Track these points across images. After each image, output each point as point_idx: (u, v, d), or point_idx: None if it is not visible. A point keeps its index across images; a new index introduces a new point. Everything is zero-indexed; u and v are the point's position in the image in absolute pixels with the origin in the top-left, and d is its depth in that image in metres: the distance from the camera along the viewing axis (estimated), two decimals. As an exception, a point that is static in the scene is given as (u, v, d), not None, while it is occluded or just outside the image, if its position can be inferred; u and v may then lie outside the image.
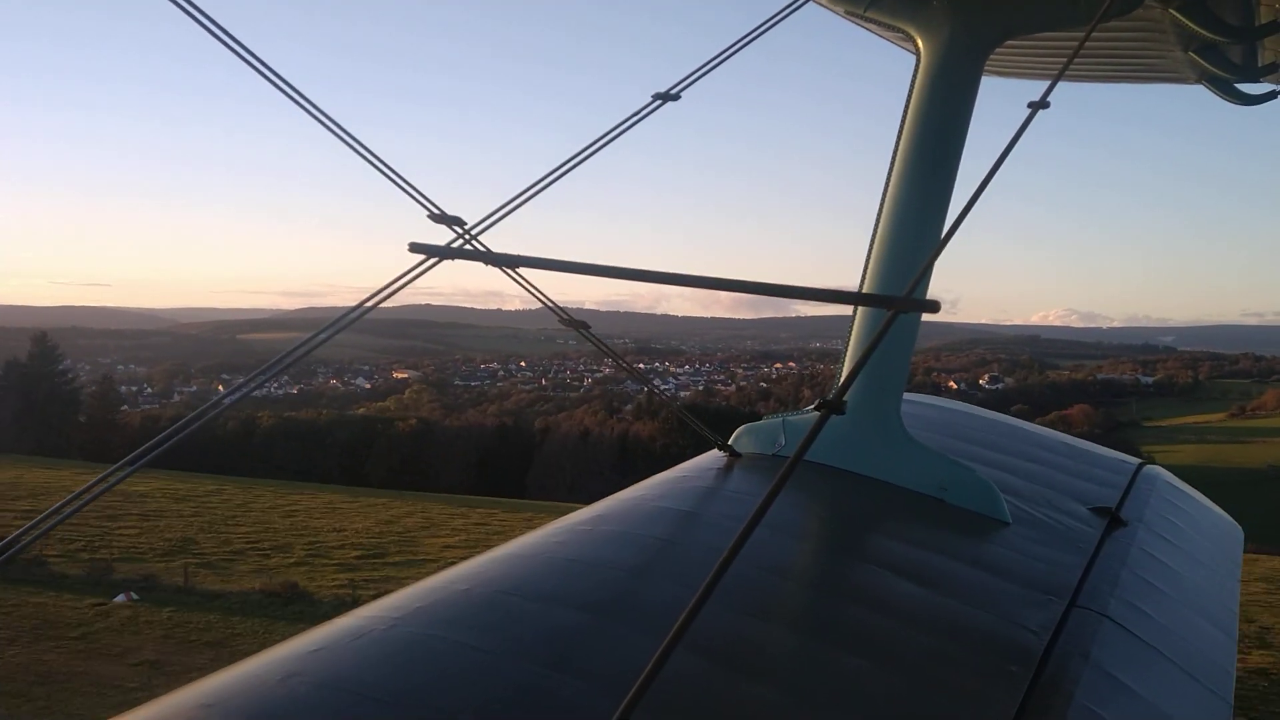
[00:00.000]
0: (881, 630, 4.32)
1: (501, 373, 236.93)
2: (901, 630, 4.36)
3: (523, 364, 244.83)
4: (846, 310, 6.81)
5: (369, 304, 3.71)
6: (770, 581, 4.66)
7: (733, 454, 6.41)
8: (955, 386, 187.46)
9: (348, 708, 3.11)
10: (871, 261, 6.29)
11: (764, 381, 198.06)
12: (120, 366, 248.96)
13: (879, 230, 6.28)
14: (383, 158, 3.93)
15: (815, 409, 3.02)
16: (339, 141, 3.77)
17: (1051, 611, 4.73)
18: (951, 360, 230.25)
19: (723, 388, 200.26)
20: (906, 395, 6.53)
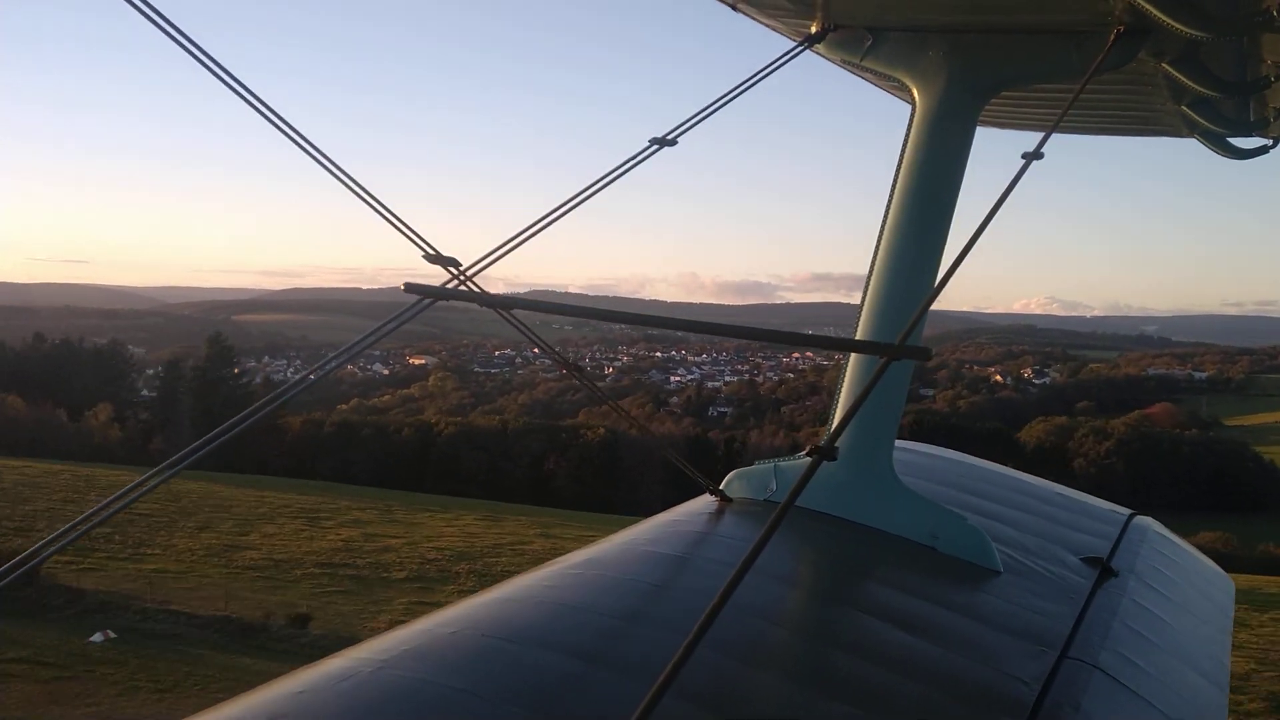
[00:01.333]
0: (872, 679, 4.29)
1: (519, 359, 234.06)
2: (892, 679, 4.32)
3: (535, 350, 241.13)
4: (833, 298, 6.84)
5: (367, 343, 3.72)
6: (760, 628, 4.63)
7: (724, 498, 6.39)
8: (1001, 380, 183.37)
9: None
10: (865, 308, 6.31)
11: (790, 372, 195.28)
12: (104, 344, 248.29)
13: (873, 277, 6.31)
14: (379, 195, 3.94)
15: (807, 455, 3.03)
16: (326, 164, 3.78)
17: (1043, 662, 4.70)
18: (972, 352, 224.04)
19: (749, 377, 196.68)
20: (898, 442, 6.52)
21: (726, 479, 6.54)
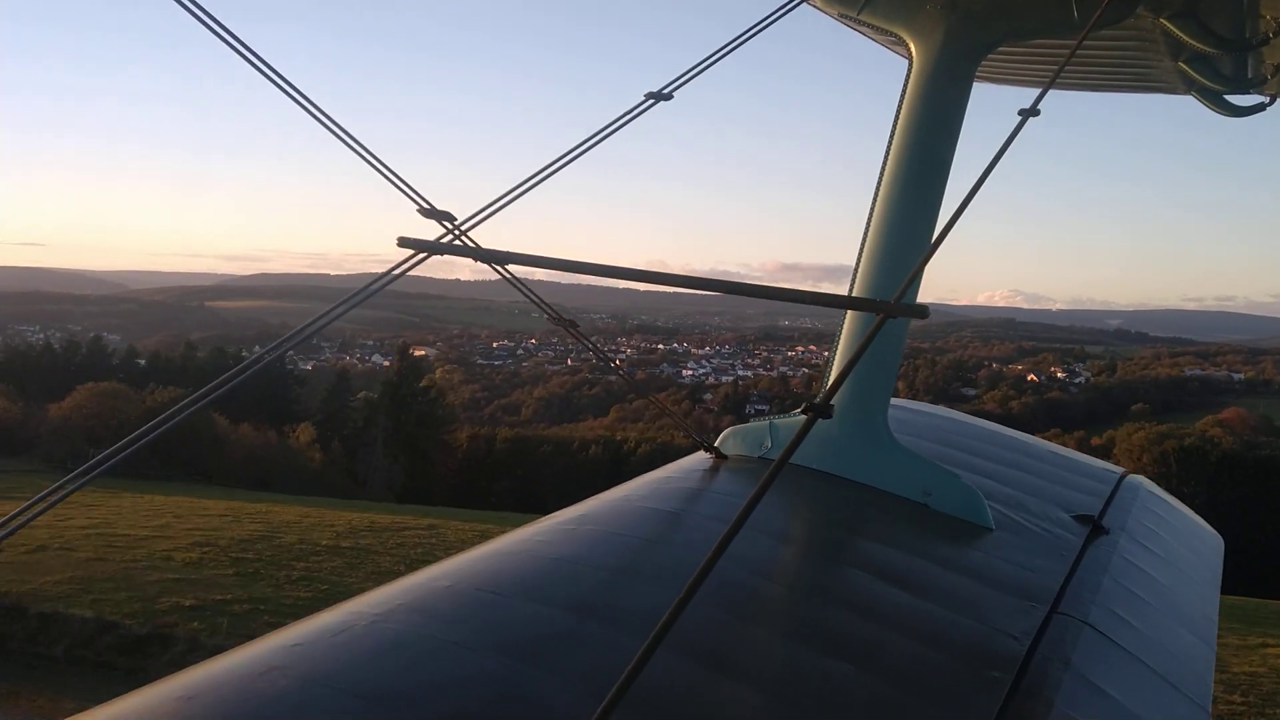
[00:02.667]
0: (863, 634, 4.32)
1: (520, 350, 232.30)
2: (883, 634, 4.36)
3: (533, 340, 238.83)
4: (803, 288, 6.82)
5: (359, 299, 3.69)
6: (753, 584, 4.66)
7: (719, 456, 6.41)
8: (1036, 379, 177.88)
9: (327, 703, 3.09)
10: (861, 266, 6.30)
11: (804, 367, 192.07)
12: (92, 335, 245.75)
13: (869, 234, 6.29)
14: (371, 148, 3.91)
15: (802, 412, 3.03)
16: (310, 119, 3.74)
17: (1033, 617, 4.75)
18: (983, 349, 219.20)
19: (775, 373, 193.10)
20: (893, 400, 6.54)
21: (721, 436, 6.56)
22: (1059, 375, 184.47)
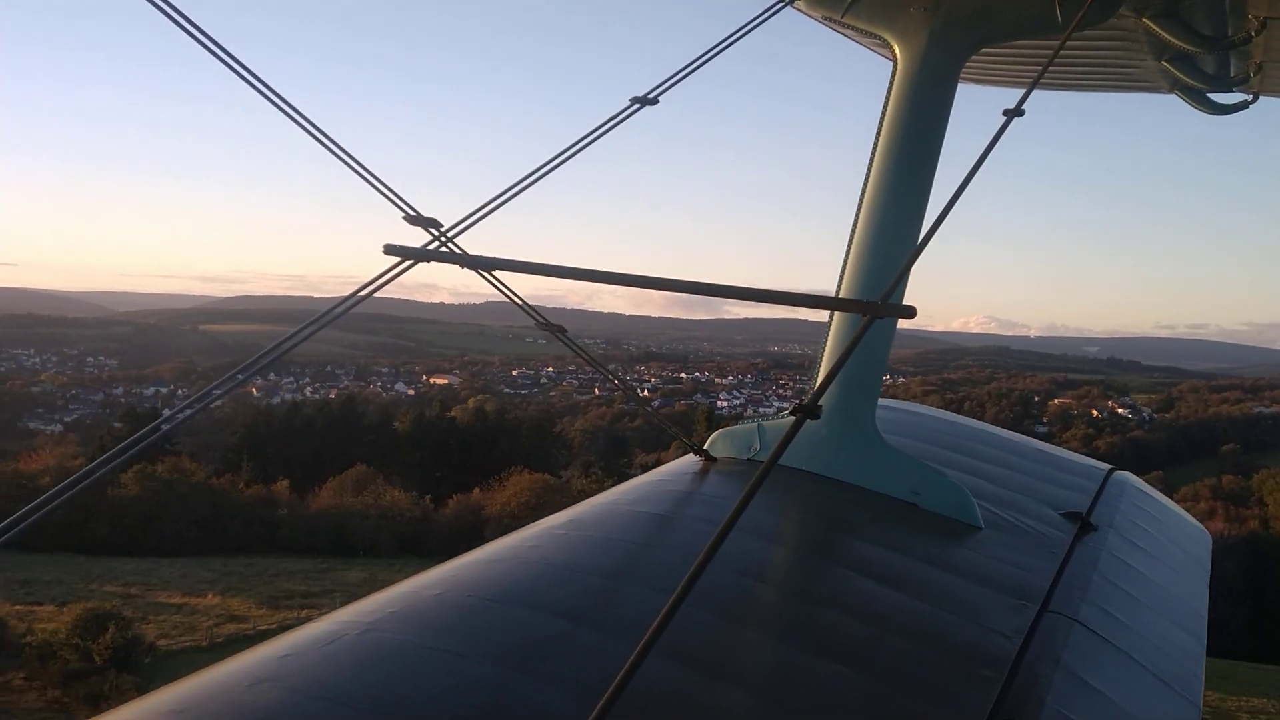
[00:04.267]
0: (855, 634, 4.33)
1: (544, 379, 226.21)
2: (875, 634, 4.36)
3: (549, 368, 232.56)
4: (785, 314, 6.84)
5: (345, 307, 3.68)
6: (744, 586, 4.66)
7: (708, 458, 6.41)
8: (1098, 414, 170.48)
9: (318, 713, 3.08)
10: (848, 267, 6.31)
11: None
12: (90, 359, 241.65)
13: (856, 235, 6.30)
14: (357, 157, 3.90)
15: (790, 413, 3.04)
16: (288, 129, 3.73)
17: (1023, 616, 4.76)
18: (1010, 381, 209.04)
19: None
20: (881, 400, 6.55)
21: (711, 438, 6.56)
22: (1119, 411, 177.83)
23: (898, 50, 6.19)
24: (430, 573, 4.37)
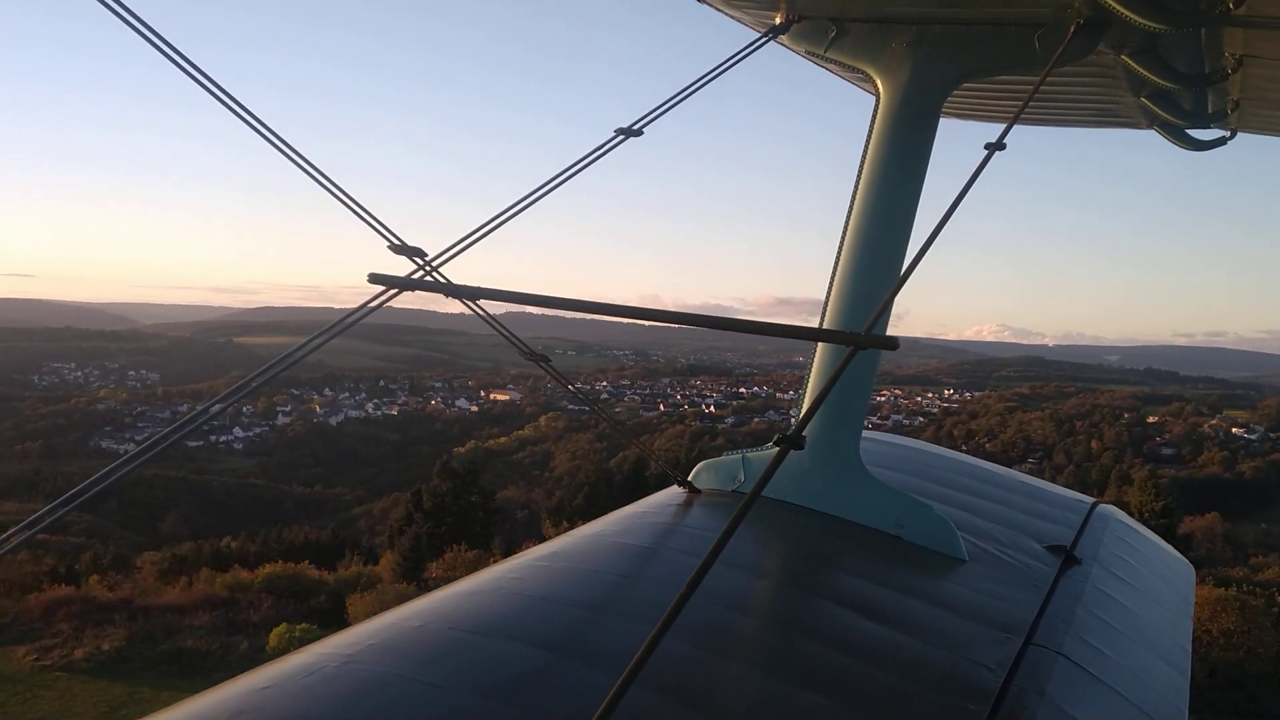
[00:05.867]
0: (838, 667, 4.31)
1: (604, 395, 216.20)
2: (858, 667, 4.34)
3: (604, 383, 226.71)
4: (796, 322, 6.85)
5: (332, 333, 3.68)
6: (727, 618, 4.63)
7: (692, 490, 6.40)
8: (1213, 433, 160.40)
9: None
10: (831, 298, 6.33)
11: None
12: (131, 373, 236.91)
13: (839, 267, 6.33)
14: (342, 185, 3.90)
15: (774, 445, 3.05)
16: (285, 158, 3.73)
17: (1007, 649, 4.75)
18: (1093, 397, 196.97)
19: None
20: (865, 432, 6.56)
21: (695, 470, 6.56)
22: (1236, 431, 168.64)
23: (881, 85, 6.24)
24: (411, 604, 4.34)
